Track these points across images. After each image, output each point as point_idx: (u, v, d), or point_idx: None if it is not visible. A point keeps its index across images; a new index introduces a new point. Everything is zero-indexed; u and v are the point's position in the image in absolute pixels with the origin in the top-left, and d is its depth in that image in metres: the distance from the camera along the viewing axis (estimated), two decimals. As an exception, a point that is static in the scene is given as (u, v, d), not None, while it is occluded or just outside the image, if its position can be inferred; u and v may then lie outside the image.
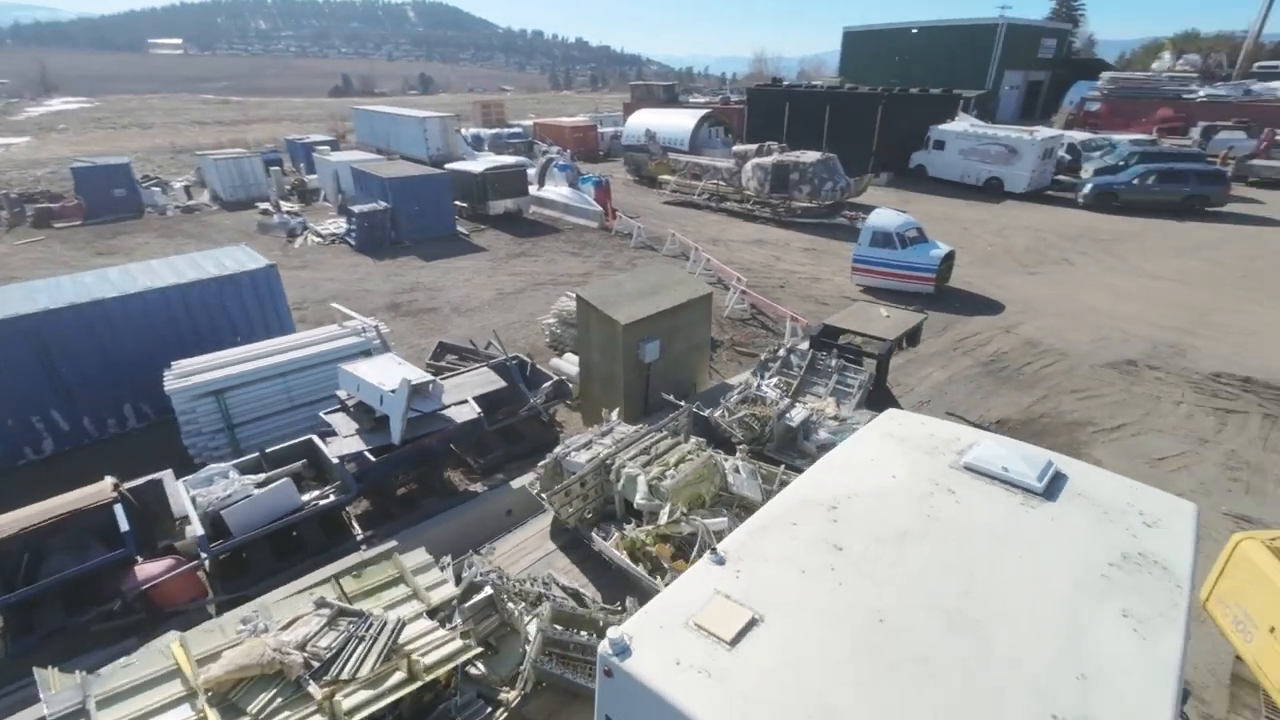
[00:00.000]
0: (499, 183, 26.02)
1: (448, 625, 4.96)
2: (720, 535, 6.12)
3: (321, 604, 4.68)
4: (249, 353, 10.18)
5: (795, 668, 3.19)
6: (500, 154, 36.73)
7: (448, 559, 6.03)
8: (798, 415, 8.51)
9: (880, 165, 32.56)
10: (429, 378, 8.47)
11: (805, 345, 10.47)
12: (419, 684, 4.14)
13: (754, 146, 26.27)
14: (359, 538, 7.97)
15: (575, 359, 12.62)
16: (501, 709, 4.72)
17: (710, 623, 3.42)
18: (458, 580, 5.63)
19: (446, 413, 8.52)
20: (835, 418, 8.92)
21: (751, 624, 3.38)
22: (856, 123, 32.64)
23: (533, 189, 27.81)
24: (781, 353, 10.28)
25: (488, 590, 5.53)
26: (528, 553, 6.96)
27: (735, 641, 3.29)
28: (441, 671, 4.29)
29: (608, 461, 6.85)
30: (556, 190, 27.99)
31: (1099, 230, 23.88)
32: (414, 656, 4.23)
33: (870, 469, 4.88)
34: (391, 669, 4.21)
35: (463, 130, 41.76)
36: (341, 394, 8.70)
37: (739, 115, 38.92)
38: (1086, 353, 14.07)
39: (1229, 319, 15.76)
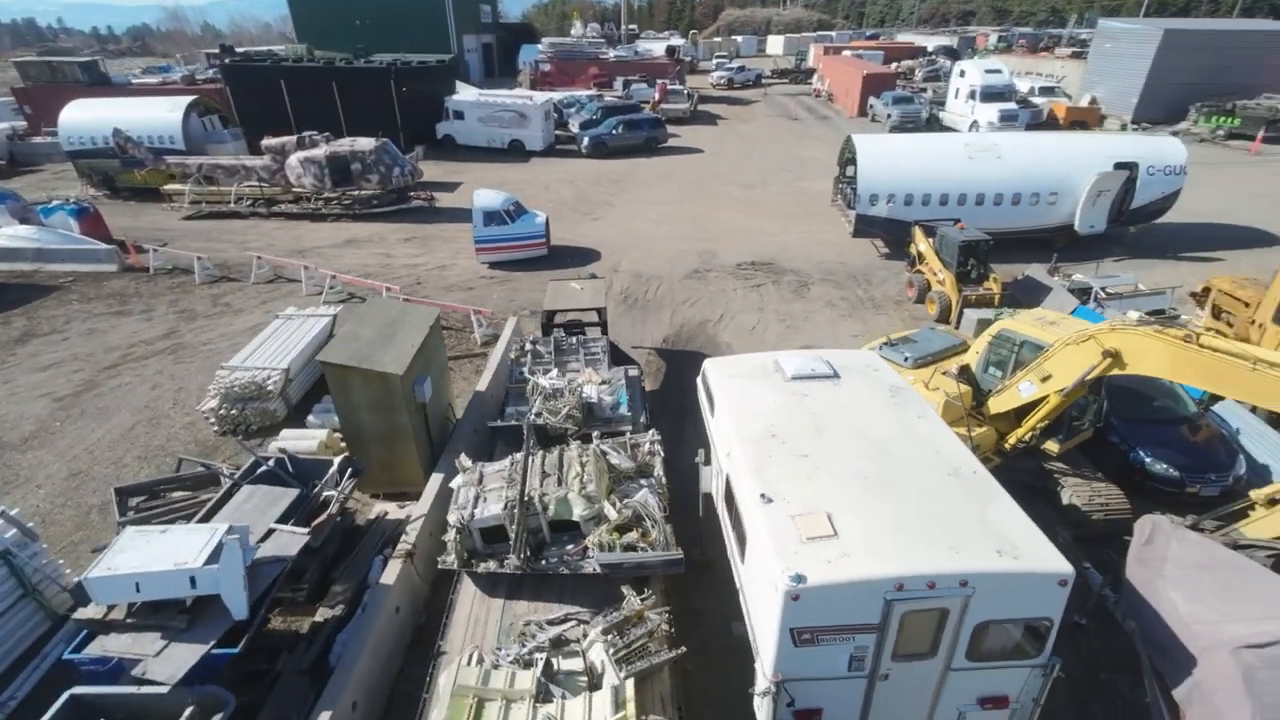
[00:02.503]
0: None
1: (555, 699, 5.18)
2: (646, 504, 7.53)
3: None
4: None
5: (868, 520, 5.31)
6: None
7: (492, 655, 5.73)
8: (590, 391, 10.05)
9: (411, 139, 32.98)
10: (226, 525, 6.66)
11: (539, 334, 11.76)
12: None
13: (291, 139, 23.40)
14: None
15: (306, 433, 10.84)
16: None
17: (812, 532, 5.19)
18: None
19: (272, 551, 6.95)
20: (604, 381, 10.78)
21: (830, 518, 5.30)
22: (372, 99, 31.80)
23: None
24: (529, 348, 11.35)
25: (540, 658, 5.73)
26: (483, 623, 6.85)
27: (835, 532, 5.18)
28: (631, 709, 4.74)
29: (527, 498, 7.17)
30: (6, 234, 19.48)
31: (609, 173, 30.61)
32: (626, 704, 4.57)
33: (757, 403, 7.12)
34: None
35: None
36: (92, 612, 6.04)
37: (221, 98, 32.72)
38: (669, 272, 19.18)
39: (716, 224, 23.42)
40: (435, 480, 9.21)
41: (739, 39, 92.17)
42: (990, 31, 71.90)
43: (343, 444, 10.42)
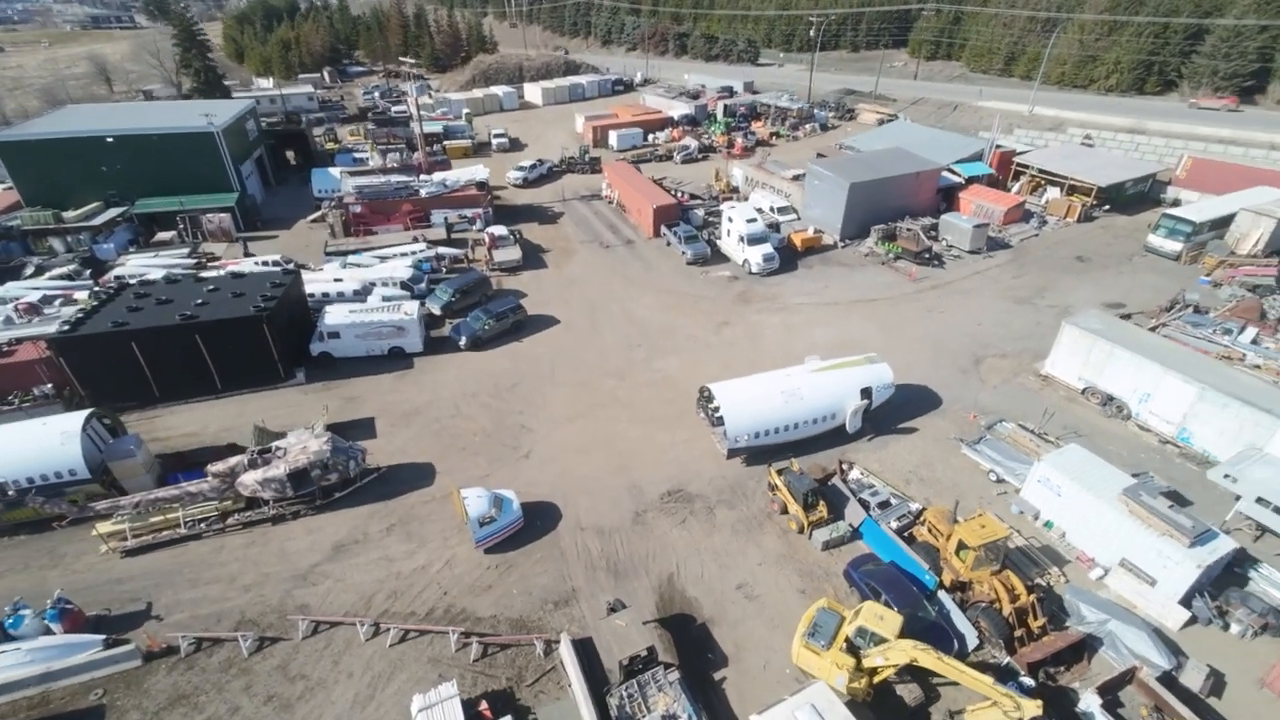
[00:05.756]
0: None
1: None
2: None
3: None
4: None
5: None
6: None
7: None
8: (685, 727, 18.10)
9: (289, 366, 34.54)
10: None
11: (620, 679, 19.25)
12: None
13: (241, 459, 25.30)
14: None
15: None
16: None
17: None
18: None
19: None
20: (675, 700, 18.86)
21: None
22: (241, 341, 32.59)
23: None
24: (625, 692, 18.82)
25: None
26: None
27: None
28: None
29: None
30: None
31: (501, 378, 35.87)
32: None
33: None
34: None
35: None
36: None
37: (52, 372, 30.32)
38: (619, 521, 26.73)
39: (624, 444, 31.00)
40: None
41: (499, 91, 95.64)
42: (716, 96, 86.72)
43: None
